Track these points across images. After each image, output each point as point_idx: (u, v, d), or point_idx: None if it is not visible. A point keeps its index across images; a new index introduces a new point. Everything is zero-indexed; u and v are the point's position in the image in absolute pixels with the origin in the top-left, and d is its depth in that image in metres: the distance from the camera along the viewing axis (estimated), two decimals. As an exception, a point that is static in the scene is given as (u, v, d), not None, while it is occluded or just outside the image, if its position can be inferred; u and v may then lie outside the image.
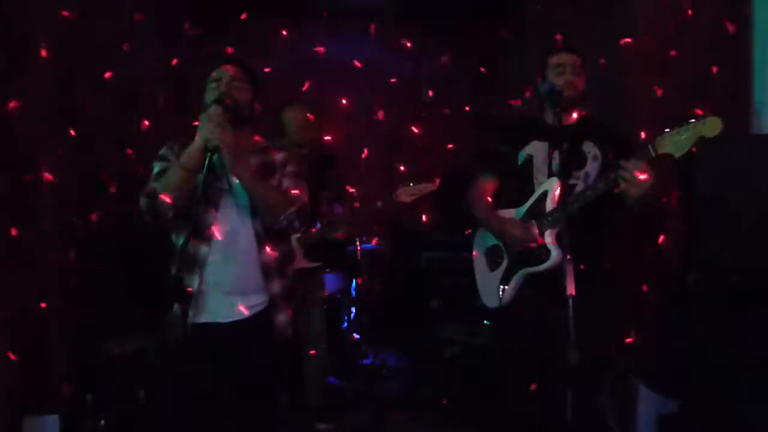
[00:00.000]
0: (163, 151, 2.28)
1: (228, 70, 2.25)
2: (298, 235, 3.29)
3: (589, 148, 2.50)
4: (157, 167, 2.23)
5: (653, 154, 2.17)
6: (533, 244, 2.46)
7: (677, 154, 2.15)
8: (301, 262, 3.31)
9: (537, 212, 2.47)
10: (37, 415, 2.87)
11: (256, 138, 2.37)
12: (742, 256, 2.38)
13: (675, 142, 2.14)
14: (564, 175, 2.43)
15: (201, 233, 2.17)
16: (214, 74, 2.26)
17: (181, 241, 2.16)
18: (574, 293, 1.86)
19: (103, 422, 3.04)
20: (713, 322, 2.44)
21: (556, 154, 2.45)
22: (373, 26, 4.95)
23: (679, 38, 2.88)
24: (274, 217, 2.21)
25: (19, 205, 2.77)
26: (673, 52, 2.88)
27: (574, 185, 2.46)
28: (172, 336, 2.08)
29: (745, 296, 2.36)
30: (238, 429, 2.30)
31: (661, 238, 2.79)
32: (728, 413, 2.32)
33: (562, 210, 2.34)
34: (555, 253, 2.38)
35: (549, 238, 2.42)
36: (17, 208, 2.76)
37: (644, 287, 2.93)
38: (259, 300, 2.27)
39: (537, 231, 2.46)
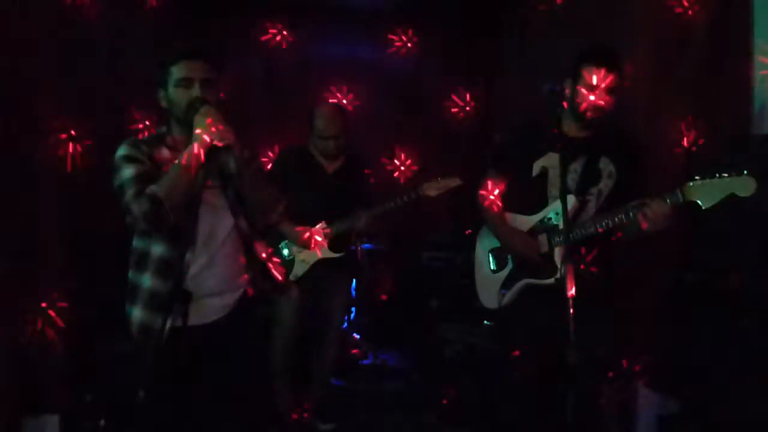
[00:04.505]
0: (129, 151, 2.07)
1: (198, 71, 2.07)
2: (324, 225, 3.32)
3: (605, 165, 2.46)
4: (130, 170, 2.02)
5: (681, 200, 2.14)
6: (538, 258, 2.47)
7: (705, 206, 2.10)
8: (326, 253, 3.33)
9: (550, 227, 2.48)
10: (37, 415, 2.86)
11: None
12: (742, 256, 2.38)
13: (705, 193, 2.10)
14: (580, 193, 2.44)
15: (182, 238, 2.01)
16: (182, 71, 2.07)
17: (158, 248, 2.07)
18: (574, 293, 1.86)
19: (103, 422, 3.04)
20: (713, 322, 2.44)
21: (572, 168, 2.45)
22: (372, 26, 4.96)
23: (679, 39, 2.88)
24: (267, 214, 2.18)
25: (20, 204, 2.77)
26: (673, 53, 2.88)
27: (588, 201, 2.47)
28: (150, 344, 2.04)
29: (745, 296, 2.37)
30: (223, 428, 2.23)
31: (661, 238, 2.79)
32: (728, 413, 2.32)
33: (577, 231, 2.35)
34: (563, 271, 2.37)
35: (558, 255, 2.41)
36: (17, 207, 2.75)
37: (644, 287, 2.92)
38: (237, 296, 2.23)
39: (546, 244, 2.47)
